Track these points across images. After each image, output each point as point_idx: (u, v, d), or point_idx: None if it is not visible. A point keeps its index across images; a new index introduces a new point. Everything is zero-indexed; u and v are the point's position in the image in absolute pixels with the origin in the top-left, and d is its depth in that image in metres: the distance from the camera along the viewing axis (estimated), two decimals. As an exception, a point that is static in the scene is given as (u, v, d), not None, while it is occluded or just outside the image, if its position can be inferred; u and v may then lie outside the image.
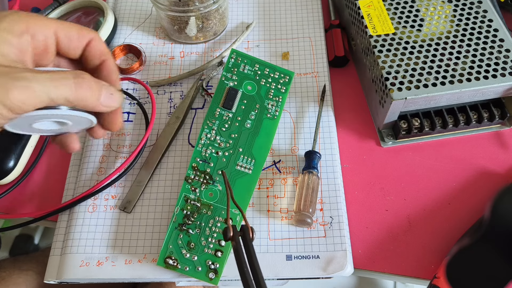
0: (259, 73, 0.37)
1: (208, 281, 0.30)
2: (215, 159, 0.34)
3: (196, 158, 0.34)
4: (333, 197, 0.34)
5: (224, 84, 0.37)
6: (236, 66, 0.37)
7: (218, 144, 0.34)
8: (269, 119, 0.36)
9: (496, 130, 0.38)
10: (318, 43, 0.43)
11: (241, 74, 0.37)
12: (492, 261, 0.29)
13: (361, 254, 0.33)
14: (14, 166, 0.37)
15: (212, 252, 0.31)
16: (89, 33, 0.27)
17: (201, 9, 0.40)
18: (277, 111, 0.36)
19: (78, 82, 0.24)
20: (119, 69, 0.42)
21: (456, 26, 0.36)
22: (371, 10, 0.38)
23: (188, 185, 0.33)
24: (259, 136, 0.35)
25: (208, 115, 0.35)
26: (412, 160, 0.37)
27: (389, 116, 0.35)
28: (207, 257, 0.31)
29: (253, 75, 0.37)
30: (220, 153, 0.34)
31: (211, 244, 0.31)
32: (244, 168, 0.34)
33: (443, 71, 0.34)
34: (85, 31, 0.27)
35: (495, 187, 0.35)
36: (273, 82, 0.37)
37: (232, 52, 0.38)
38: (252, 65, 0.38)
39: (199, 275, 0.30)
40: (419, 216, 0.35)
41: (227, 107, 0.36)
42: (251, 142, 0.35)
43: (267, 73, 0.38)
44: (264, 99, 0.37)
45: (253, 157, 0.34)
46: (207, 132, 0.35)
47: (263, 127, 0.36)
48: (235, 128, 0.35)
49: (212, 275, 0.30)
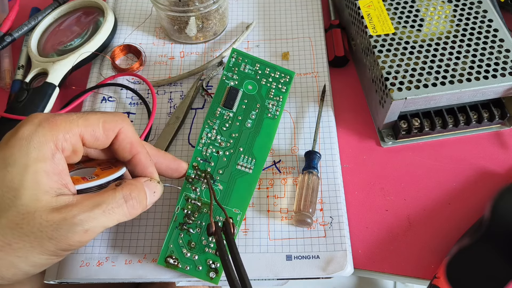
0: (260, 72, 0.37)
1: (209, 280, 0.30)
2: (215, 158, 0.34)
3: (196, 157, 0.34)
4: (333, 197, 0.34)
5: (225, 84, 0.37)
6: (236, 65, 0.37)
7: (219, 144, 0.34)
8: (270, 118, 0.36)
9: (496, 130, 0.38)
10: (318, 43, 0.43)
11: (241, 73, 0.37)
12: (492, 261, 0.29)
13: (361, 254, 0.33)
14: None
15: (212, 251, 0.31)
16: (116, 125, 0.26)
17: (201, 9, 0.40)
18: (277, 110, 0.36)
19: (131, 205, 0.25)
20: (119, 69, 0.42)
21: (456, 26, 0.36)
22: (371, 10, 0.38)
23: (188, 184, 0.33)
24: (260, 136, 0.35)
25: (208, 115, 0.35)
26: (412, 160, 0.37)
27: (389, 116, 0.35)
28: (208, 257, 0.31)
29: (254, 75, 0.37)
30: (220, 153, 0.34)
31: (211, 244, 0.31)
32: (245, 167, 0.34)
33: (443, 71, 0.34)
34: (112, 125, 0.26)
35: (495, 187, 0.35)
36: (274, 82, 0.37)
37: (232, 52, 0.38)
38: (253, 64, 0.38)
39: (200, 275, 0.30)
40: (419, 216, 0.35)
41: (227, 107, 0.36)
42: (251, 141, 0.35)
43: (267, 73, 0.38)
44: (264, 98, 0.37)
45: (254, 157, 0.34)
46: (208, 132, 0.35)
47: (263, 127, 0.36)
48: (235, 128, 0.35)
49: (213, 274, 0.30)
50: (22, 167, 0.22)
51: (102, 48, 0.42)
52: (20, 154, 0.22)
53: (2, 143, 0.23)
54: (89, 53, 0.41)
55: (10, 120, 0.37)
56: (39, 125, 0.23)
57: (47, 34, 0.44)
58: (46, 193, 0.23)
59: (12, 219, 0.22)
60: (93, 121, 0.25)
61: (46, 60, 0.40)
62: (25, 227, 0.22)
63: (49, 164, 0.23)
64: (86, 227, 0.23)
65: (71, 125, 0.24)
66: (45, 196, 0.22)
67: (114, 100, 0.40)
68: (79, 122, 0.25)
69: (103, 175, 0.27)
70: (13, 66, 0.44)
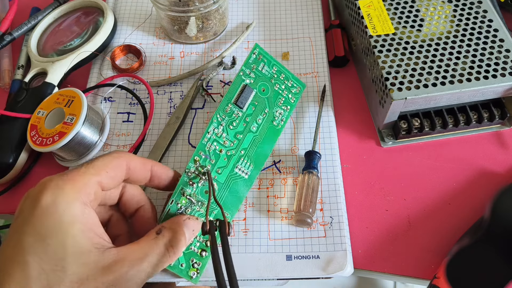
0: (275, 76, 0.37)
1: (189, 278, 0.30)
2: (217, 156, 0.34)
3: (199, 152, 0.33)
4: (333, 197, 0.34)
5: (241, 80, 0.35)
6: (256, 63, 0.36)
7: (223, 142, 0.34)
8: (274, 127, 0.36)
9: (496, 130, 0.38)
10: (318, 43, 0.43)
11: (258, 73, 0.36)
12: (492, 261, 0.29)
13: (361, 254, 0.33)
14: (13, 164, 0.37)
15: (198, 251, 0.31)
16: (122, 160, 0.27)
17: (201, 9, 0.40)
18: (282, 120, 0.36)
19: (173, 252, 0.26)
20: (119, 69, 0.42)
21: (456, 26, 0.36)
22: (371, 10, 0.38)
23: (187, 177, 0.32)
24: (262, 142, 0.35)
25: (219, 109, 0.34)
26: (412, 160, 0.37)
27: (389, 116, 0.35)
28: (192, 255, 0.31)
29: (270, 78, 0.37)
30: (223, 151, 0.34)
31: (197, 243, 0.31)
32: (242, 172, 0.34)
33: (443, 71, 0.34)
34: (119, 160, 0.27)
35: (495, 187, 0.35)
36: (286, 90, 0.37)
37: (255, 48, 0.36)
38: (270, 66, 0.37)
39: (181, 272, 0.30)
40: (419, 216, 0.35)
41: (239, 105, 0.35)
42: (253, 146, 0.35)
43: (282, 79, 0.37)
44: (273, 105, 0.36)
45: (252, 162, 0.34)
46: (215, 127, 0.34)
47: (267, 134, 0.35)
48: (241, 129, 0.35)
49: (194, 273, 0.30)
50: (60, 236, 0.22)
51: (102, 48, 0.42)
52: (53, 223, 0.22)
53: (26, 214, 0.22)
54: (88, 53, 0.41)
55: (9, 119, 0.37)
56: (58, 187, 0.23)
57: (47, 34, 0.44)
58: (90, 252, 0.22)
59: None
60: (101, 165, 0.25)
61: (45, 60, 0.40)
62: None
63: (82, 223, 0.23)
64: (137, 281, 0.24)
65: (88, 177, 0.24)
66: (91, 256, 0.22)
67: (114, 100, 0.40)
68: (91, 171, 0.25)
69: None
70: (12, 66, 0.44)
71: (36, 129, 0.35)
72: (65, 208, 0.22)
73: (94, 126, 0.36)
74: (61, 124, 0.34)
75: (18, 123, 0.37)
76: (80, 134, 0.34)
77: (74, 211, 0.23)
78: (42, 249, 0.21)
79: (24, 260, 0.21)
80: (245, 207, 0.34)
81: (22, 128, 0.37)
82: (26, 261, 0.21)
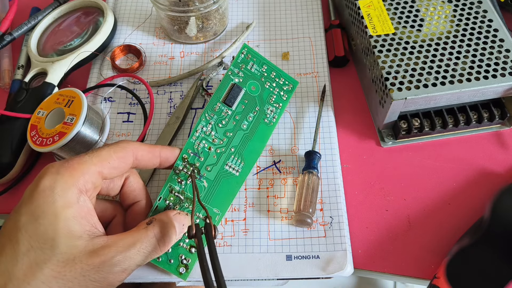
0: (266, 75, 0.37)
1: (178, 275, 0.30)
2: (206, 154, 0.33)
3: (188, 150, 0.33)
4: (333, 197, 0.34)
5: (229, 79, 0.36)
6: (245, 62, 0.37)
7: (212, 140, 0.34)
8: (266, 124, 0.36)
9: (496, 130, 0.38)
10: (318, 43, 0.43)
11: (248, 72, 0.37)
12: (492, 261, 0.29)
13: (361, 254, 0.33)
14: (13, 163, 0.37)
15: (187, 247, 0.31)
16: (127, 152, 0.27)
17: (201, 9, 0.40)
18: (274, 117, 0.36)
19: (162, 242, 0.27)
20: (119, 69, 0.42)
21: (456, 26, 0.36)
22: (371, 10, 0.38)
23: (175, 175, 0.32)
24: (253, 140, 0.35)
25: (207, 108, 0.35)
26: (412, 160, 0.37)
27: (389, 116, 0.35)
28: (181, 251, 0.31)
29: (259, 76, 0.37)
30: (212, 149, 0.34)
31: (186, 239, 0.31)
32: (233, 169, 0.34)
33: (443, 71, 0.34)
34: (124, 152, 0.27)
35: (495, 187, 0.35)
36: (277, 88, 0.37)
37: (243, 47, 0.37)
38: (260, 65, 0.37)
39: (170, 268, 0.30)
40: (419, 216, 0.35)
41: (228, 104, 0.35)
42: (244, 144, 0.35)
43: (273, 77, 0.37)
44: (265, 103, 0.36)
45: (243, 160, 0.34)
46: (204, 125, 0.34)
47: (258, 131, 0.35)
48: (231, 127, 0.35)
49: (183, 270, 0.30)
50: (52, 217, 0.23)
51: (102, 48, 0.42)
52: (47, 205, 0.23)
53: (25, 198, 0.24)
54: (88, 53, 0.41)
55: (9, 119, 0.37)
56: (57, 173, 0.24)
57: (47, 34, 0.44)
58: (80, 238, 0.23)
59: (54, 268, 0.22)
60: (105, 155, 0.26)
61: (45, 60, 0.40)
62: (68, 273, 0.22)
63: (76, 209, 0.24)
64: (124, 267, 0.24)
65: (88, 166, 0.25)
66: (80, 241, 0.23)
67: (114, 100, 0.40)
68: (93, 160, 0.25)
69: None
70: (12, 66, 0.44)
71: (36, 129, 0.35)
72: (60, 193, 0.23)
73: (94, 126, 0.36)
74: (61, 124, 0.34)
75: (18, 123, 0.37)
76: (80, 134, 0.34)
77: (69, 197, 0.23)
78: (33, 228, 0.22)
79: (15, 237, 0.22)
80: (245, 207, 0.34)
81: (22, 128, 0.37)
82: (17, 238, 0.22)
